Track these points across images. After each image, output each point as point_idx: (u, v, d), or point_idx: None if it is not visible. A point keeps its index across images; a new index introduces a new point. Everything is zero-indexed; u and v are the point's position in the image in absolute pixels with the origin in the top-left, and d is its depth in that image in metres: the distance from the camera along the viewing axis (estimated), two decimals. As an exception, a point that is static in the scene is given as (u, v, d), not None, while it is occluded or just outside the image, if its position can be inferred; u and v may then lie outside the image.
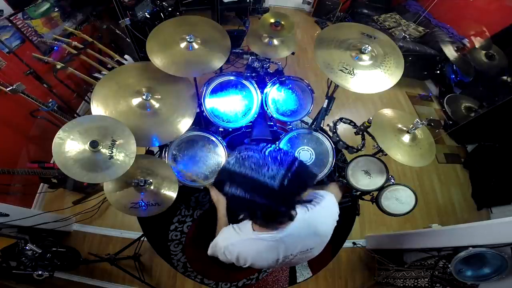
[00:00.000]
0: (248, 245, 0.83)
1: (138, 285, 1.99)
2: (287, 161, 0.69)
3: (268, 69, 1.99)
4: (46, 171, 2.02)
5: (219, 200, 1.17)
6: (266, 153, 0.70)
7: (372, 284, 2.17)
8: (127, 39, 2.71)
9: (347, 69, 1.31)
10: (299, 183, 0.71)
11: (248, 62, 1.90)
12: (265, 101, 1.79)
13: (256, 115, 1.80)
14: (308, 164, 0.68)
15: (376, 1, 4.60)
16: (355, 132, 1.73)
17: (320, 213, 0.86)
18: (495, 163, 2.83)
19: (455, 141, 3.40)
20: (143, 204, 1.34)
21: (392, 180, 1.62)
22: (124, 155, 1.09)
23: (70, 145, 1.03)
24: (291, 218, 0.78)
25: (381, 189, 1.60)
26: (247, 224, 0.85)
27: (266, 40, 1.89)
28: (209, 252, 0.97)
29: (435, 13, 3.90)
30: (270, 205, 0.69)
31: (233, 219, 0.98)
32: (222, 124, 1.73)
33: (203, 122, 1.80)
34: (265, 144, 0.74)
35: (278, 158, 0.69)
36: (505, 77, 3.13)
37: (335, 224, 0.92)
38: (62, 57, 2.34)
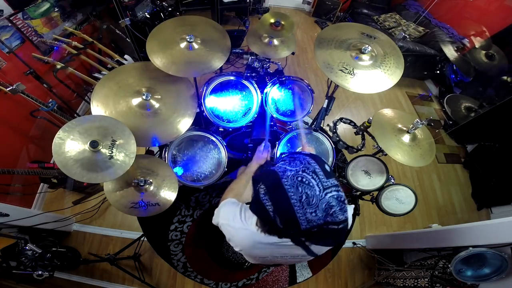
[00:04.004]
0: (244, 236, 0.83)
1: (138, 285, 1.99)
2: (336, 218, 0.60)
3: (268, 69, 1.99)
4: (46, 171, 2.02)
5: (251, 171, 1.17)
6: (327, 196, 0.60)
7: (372, 284, 2.17)
8: (127, 39, 2.70)
9: (347, 69, 1.31)
10: (323, 239, 0.64)
11: (248, 62, 1.90)
12: (265, 101, 1.79)
13: (256, 115, 1.80)
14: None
15: (376, 1, 4.60)
16: (355, 132, 1.73)
17: None
18: (495, 163, 2.83)
19: (455, 141, 3.40)
20: (143, 204, 1.34)
21: (392, 180, 1.62)
22: (124, 155, 1.09)
23: (70, 145, 1.03)
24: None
25: (381, 189, 1.60)
26: (253, 216, 0.82)
27: (266, 40, 1.89)
28: (213, 220, 0.95)
29: (435, 13, 3.90)
30: (283, 232, 0.65)
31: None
32: (222, 124, 1.73)
33: (203, 122, 1.80)
34: (334, 183, 0.63)
35: (332, 209, 0.60)
36: (505, 77, 3.13)
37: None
38: (62, 57, 2.34)
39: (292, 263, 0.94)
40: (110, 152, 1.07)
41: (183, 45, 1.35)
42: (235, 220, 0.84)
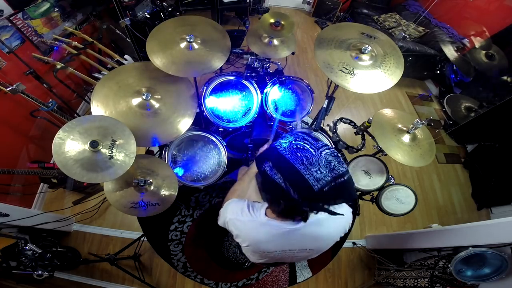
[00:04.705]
0: (253, 229, 0.83)
1: (138, 285, 1.99)
2: (338, 171, 0.65)
3: (268, 69, 1.99)
4: (46, 171, 2.02)
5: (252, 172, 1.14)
6: (322, 154, 0.66)
7: (372, 284, 2.17)
8: (127, 39, 2.71)
9: (347, 69, 1.31)
10: (337, 196, 0.68)
11: (248, 62, 1.90)
12: (265, 101, 1.79)
13: (256, 115, 1.80)
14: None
15: (376, 1, 4.60)
16: (355, 132, 1.73)
17: (333, 221, 0.84)
18: (495, 163, 2.83)
19: (455, 141, 3.40)
20: (143, 204, 1.34)
21: (392, 180, 1.62)
22: (124, 155, 1.09)
23: (70, 145, 1.03)
24: (306, 219, 0.77)
25: (381, 189, 1.60)
26: (261, 208, 0.84)
27: (266, 40, 1.89)
28: (219, 221, 0.96)
29: (435, 13, 3.90)
30: (299, 202, 0.67)
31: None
32: (222, 124, 1.73)
33: (203, 122, 1.80)
34: (323, 143, 0.70)
35: (332, 164, 0.65)
36: (505, 77, 3.13)
37: (342, 235, 0.92)
38: (62, 57, 2.35)
39: (299, 260, 0.95)
40: (110, 152, 1.07)
41: (183, 45, 1.35)
42: (244, 214, 0.85)
